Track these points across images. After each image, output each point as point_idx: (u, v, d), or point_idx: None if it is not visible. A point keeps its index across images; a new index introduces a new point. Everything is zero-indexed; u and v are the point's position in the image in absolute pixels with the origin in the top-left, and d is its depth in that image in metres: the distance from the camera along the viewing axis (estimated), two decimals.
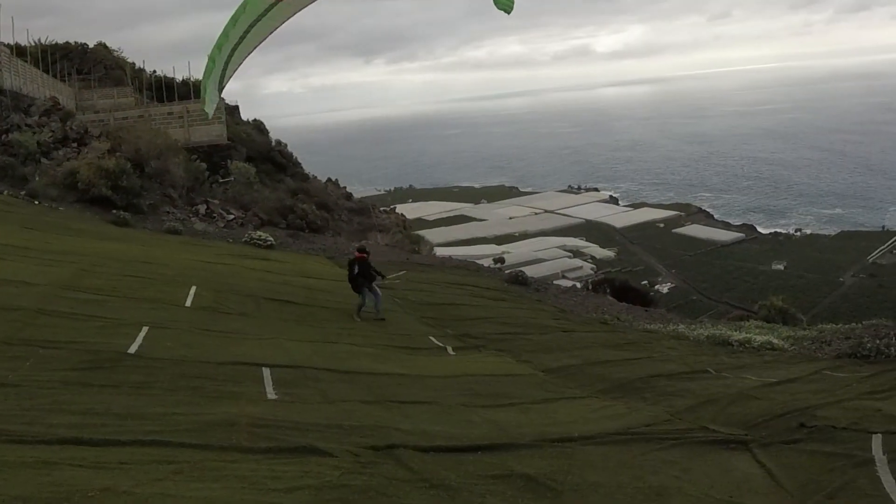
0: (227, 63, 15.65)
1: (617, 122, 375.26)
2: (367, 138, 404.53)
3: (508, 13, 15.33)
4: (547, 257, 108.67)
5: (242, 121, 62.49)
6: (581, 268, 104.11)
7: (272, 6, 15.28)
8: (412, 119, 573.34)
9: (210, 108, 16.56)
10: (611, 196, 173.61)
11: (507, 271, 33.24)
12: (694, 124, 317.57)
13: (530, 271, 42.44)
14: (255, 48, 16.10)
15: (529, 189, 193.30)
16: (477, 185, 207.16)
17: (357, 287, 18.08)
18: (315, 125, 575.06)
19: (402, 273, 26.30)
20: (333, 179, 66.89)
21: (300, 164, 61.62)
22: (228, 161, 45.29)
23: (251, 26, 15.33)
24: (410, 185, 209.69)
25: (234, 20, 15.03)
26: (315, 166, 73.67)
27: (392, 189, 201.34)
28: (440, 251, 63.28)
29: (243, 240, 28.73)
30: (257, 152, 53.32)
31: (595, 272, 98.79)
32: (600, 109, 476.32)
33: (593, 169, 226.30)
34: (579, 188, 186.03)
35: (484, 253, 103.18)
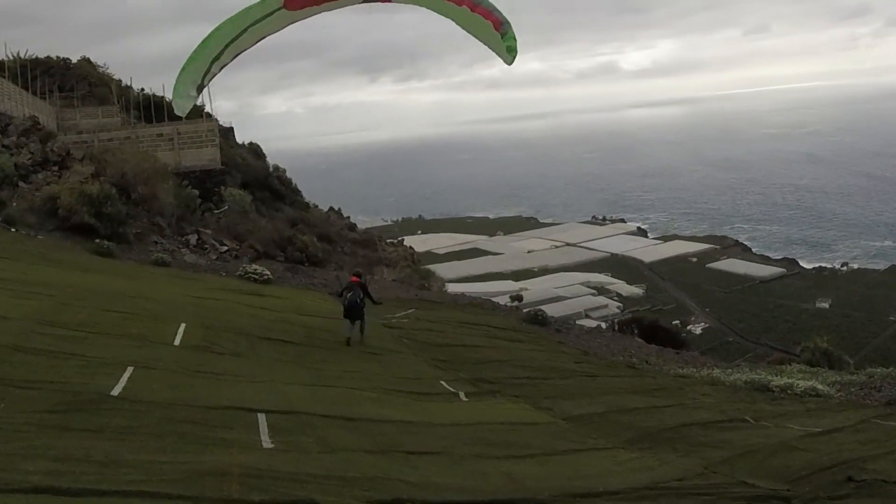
0: (212, 61, 15.98)
1: (644, 146, 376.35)
2: (373, 163, 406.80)
3: (511, 60, 16.12)
4: (569, 295, 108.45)
5: (237, 144, 63.08)
6: (606, 306, 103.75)
7: (273, 13, 15.85)
8: (421, 142, 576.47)
9: (180, 104, 16.66)
10: (639, 228, 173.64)
11: (524, 310, 33.19)
12: (728, 148, 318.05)
13: (550, 310, 42.35)
14: (243, 52, 16.54)
15: (549, 220, 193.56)
16: (492, 216, 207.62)
17: (352, 314, 18.80)
18: (316, 149, 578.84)
19: (410, 311, 26.31)
20: (336, 208, 67.29)
21: (300, 191, 62.04)
22: (222, 187, 45.58)
23: (245, 30, 15.92)
24: (419, 216, 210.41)
25: (227, 22, 15.66)
26: (316, 194, 74.15)
27: (399, 219, 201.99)
28: (452, 287, 63.24)
29: (237, 273, 28.84)
30: (253, 178, 53.72)
31: (622, 311, 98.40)
32: (627, 132, 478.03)
33: (619, 198, 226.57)
34: (604, 219, 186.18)
35: (500, 290, 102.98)
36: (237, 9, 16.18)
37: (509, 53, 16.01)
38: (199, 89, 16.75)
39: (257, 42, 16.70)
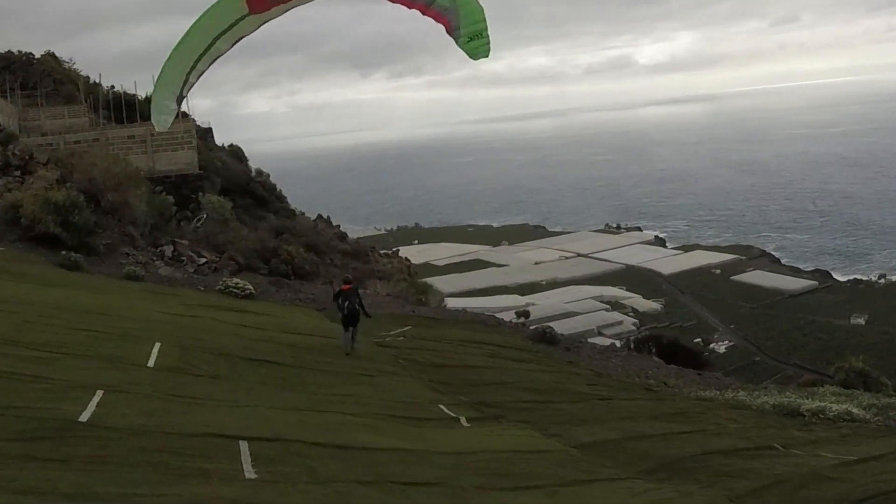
0: (188, 72, 16.50)
1: (661, 147, 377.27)
2: (365, 167, 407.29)
3: (476, 58, 16.47)
4: (580, 310, 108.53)
5: (216, 146, 63.19)
6: (621, 323, 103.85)
7: (240, 20, 16.41)
8: (418, 144, 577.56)
9: (160, 120, 17.24)
10: (656, 237, 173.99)
11: (531, 327, 33.19)
12: (753, 150, 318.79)
13: (560, 327, 42.32)
14: (219, 57, 17.11)
15: (558, 228, 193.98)
16: (495, 224, 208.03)
17: (351, 321, 20.09)
18: (303, 151, 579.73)
19: (406, 329, 26.31)
20: (324, 216, 67.45)
21: (285, 197, 62.13)
22: (200, 194, 45.63)
23: (215, 40, 16.51)
24: (416, 224, 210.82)
25: (195, 31, 16.17)
26: (302, 200, 74.29)
27: (394, 228, 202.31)
28: (452, 303, 63.32)
29: (217, 288, 28.84)
30: (234, 184, 53.82)
31: (638, 328, 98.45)
32: (642, 133, 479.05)
33: (634, 204, 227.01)
34: (618, 227, 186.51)
35: (504, 305, 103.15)
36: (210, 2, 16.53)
37: (472, 57, 16.43)
38: (180, 100, 17.31)
39: (233, 45, 17.19)
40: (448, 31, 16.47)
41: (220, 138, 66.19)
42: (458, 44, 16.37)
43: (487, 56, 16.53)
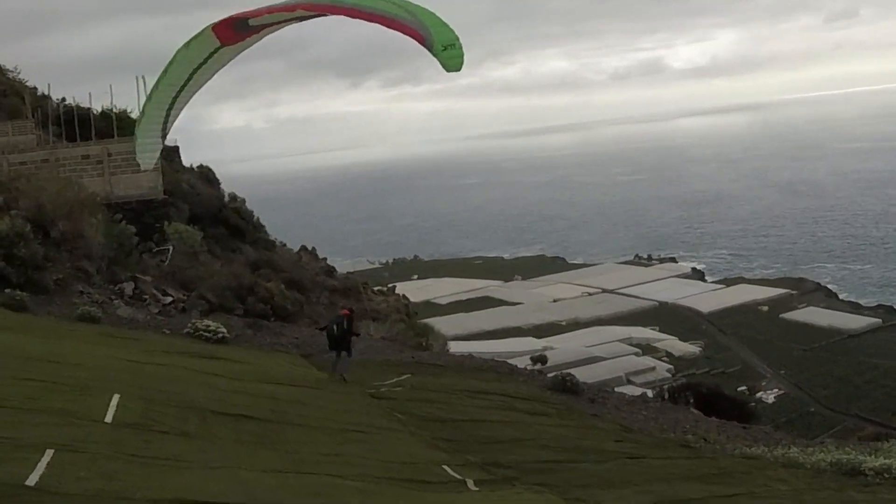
0: (169, 107, 18.66)
1: (699, 165, 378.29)
2: (356, 191, 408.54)
3: (450, 70, 17.20)
4: (606, 355, 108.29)
5: (184, 167, 63.39)
6: (653, 369, 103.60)
7: (214, 52, 18.69)
8: (417, 164, 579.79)
9: (145, 159, 19.39)
10: (694, 269, 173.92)
11: (550, 374, 33.16)
12: (806, 167, 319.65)
13: (582, 374, 42.26)
14: (197, 91, 19.50)
15: (579, 260, 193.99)
16: (506, 256, 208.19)
17: (337, 346, 22.79)
18: (284, 173, 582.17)
19: (404, 378, 26.32)
20: (309, 248, 67.50)
21: (263, 226, 62.24)
22: (165, 223, 45.78)
23: (192, 74, 18.80)
24: (415, 256, 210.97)
25: (174, 66, 18.55)
26: (284, 230, 74.49)
27: (390, 261, 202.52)
28: (457, 347, 63.25)
29: (185, 331, 28.89)
30: (204, 211, 53.95)
31: (673, 375, 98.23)
32: (676, 148, 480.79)
33: (668, 232, 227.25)
34: (650, 258, 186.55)
35: (518, 349, 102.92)
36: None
37: (447, 68, 17.12)
38: (164, 136, 19.66)
39: (213, 75, 19.71)
40: (421, 43, 17.20)
41: (188, 158, 66.31)
42: (432, 53, 17.03)
43: (459, 69, 17.17)
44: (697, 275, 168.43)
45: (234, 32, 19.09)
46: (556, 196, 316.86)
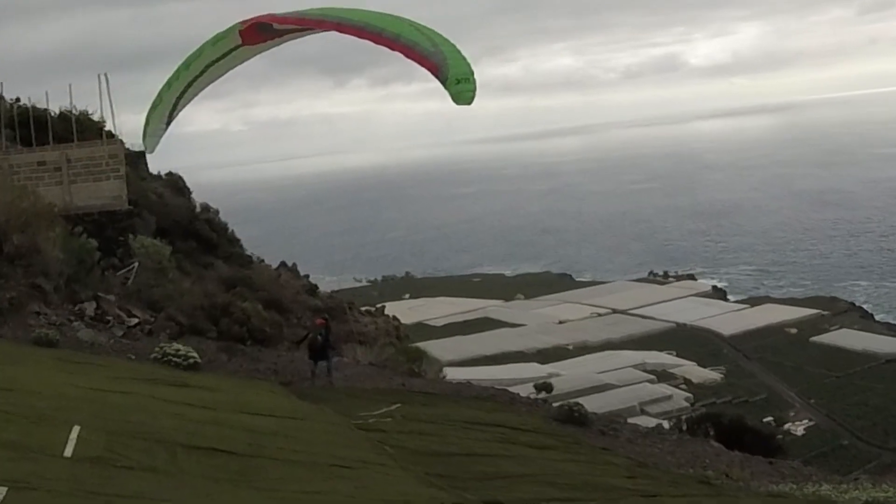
0: (178, 98, 21.53)
1: (720, 172, 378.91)
2: (341, 200, 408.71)
3: (460, 103, 19.11)
4: (617, 382, 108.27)
5: (151, 175, 63.40)
6: (670, 398, 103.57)
7: (233, 50, 21.71)
8: (408, 171, 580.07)
9: (151, 143, 22.39)
10: (715, 287, 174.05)
11: (555, 404, 33.18)
12: (837, 175, 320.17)
13: (591, 403, 42.29)
14: (206, 87, 22.79)
15: (588, 278, 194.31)
16: (508, 273, 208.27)
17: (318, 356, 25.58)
18: (262, 180, 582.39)
19: (394, 408, 26.32)
20: (289, 264, 67.58)
21: (239, 240, 62.31)
22: (130, 236, 45.77)
23: (207, 67, 21.94)
24: (406, 273, 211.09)
25: (191, 58, 21.53)
26: (262, 243, 74.59)
27: (379, 279, 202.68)
28: (453, 373, 63.15)
29: (152, 356, 28.86)
30: (174, 222, 53.99)
31: (692, 404, 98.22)
32: (694, 153, 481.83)
33: (686, 246, 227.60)
34: (665, 276, 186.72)
35: (520, 376, 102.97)
36: None
37: (456, 101, 18.95)
38: (168, 124, 23.10)
39: (225, 73, 23.13)
40: (434, 73, 19.07)
41: (156, 164, 66.23)
42: (445, 85, 18.88)
43: (470, 104, 18.90)
44: (718, 293, 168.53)
45: (258, 33, 21.70)
46: (561, 206, 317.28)
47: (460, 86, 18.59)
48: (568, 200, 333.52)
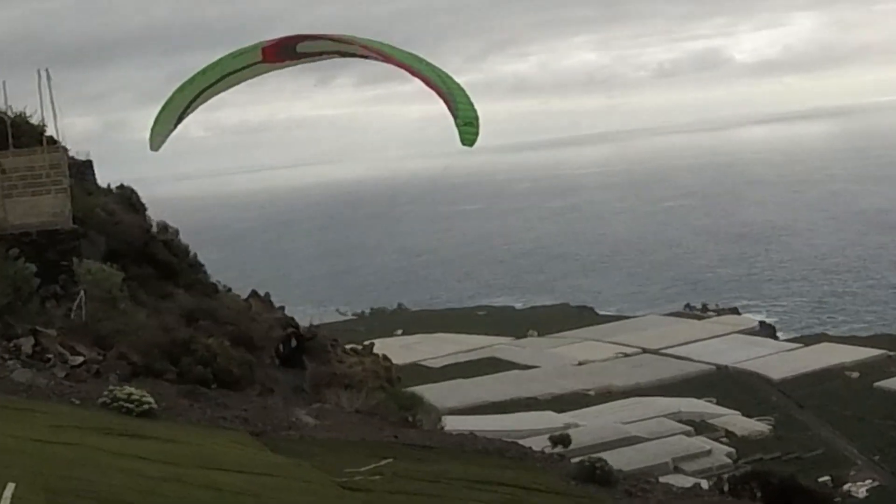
0: (189, 103, 24.79)
1: (767, 187, 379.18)
2: (323, 219, 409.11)
3: (469, 145, 22.43)
4: (647, 435, 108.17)
5: (99, 188, 63.46)
6: (709, 453, 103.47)
7: (251, 65, 24.85)
8: (402, 184, 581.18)
9: (157, 142, 25.31)
10: (762, 323, 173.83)
11: (574, 459, 33.22)
12: None
13: (616, 459, 42.33)
14: (214, 96, 26.08)
15: (612, 312, 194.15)
16: (518, 306, 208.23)
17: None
18: (230, 195, 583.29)
19: (384, 463, 26.34)
20: (262, 294, 67.53)
21: (202, 265, 62.26)
22: (75, 260, 45.83)
23: (221, 78, 24.95)
24: (399, 305, 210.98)
25: (209, 67, 24.77)
26: (229, 269, 74.67)
27: (367, 312, 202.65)
28: (454, 423, 63.19)
29: (101, 401, 28.86)
30: (126, 244, 53.96)
31: (735, 461, 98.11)
32: (737, 165, 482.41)
33: (727, 274, 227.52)
34: (704, 309, 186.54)
35: (533, 426, 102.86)
36: None
37: (462, 143, 22.35)
38: (177, 124, 26.18)
39: (233, 87, 26.15)
40: (448, 109, 22.53)
41: (106, 176, 66.23)
42: (455, 122, 22.37)
43: (472, 147, 22.42)
44: (766, 330, 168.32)
45: (279, 53, 24.75)
46: (581, 227, 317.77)
47: (466, 127, 21.83)
48: (589, 220, 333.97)
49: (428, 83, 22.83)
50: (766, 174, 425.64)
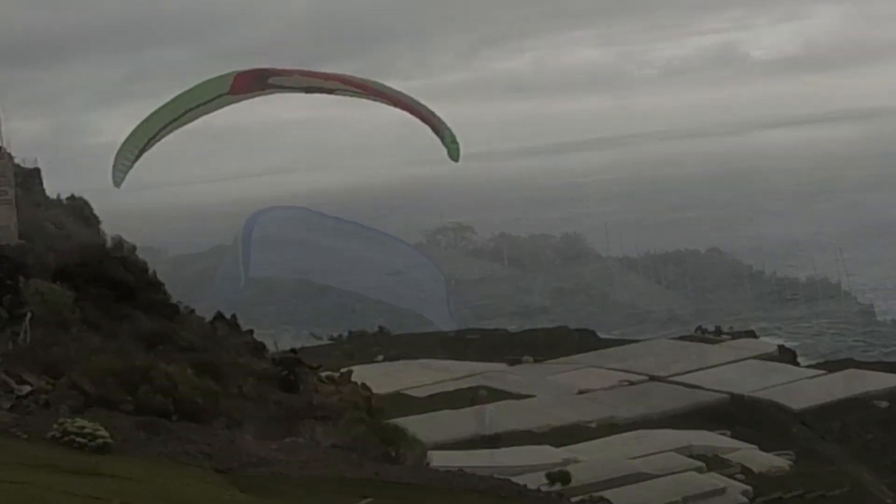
0: (151, 138, 26.75)
1: (787, 198, 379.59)
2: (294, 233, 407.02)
3: (455, 160, 26.88)
4: (655, 470, 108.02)
5: (48, 199, 63.46)
6: (723, 491, 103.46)
7: (217, 98, 26.95)
8: (383, 194, 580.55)
9: (119, 178, 27.23)
10: (781, 347, 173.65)
11: (574, 498, 33.36)
12: None
13: (620, 498, 42.54)
14: (175, 130, 27.94)
15: (616, 334, 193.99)
16: (512, 328, 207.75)
17: None
18: (193, 206, 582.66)
19: (364, 502, 26.41)
20: (227, 316, 67.54)
21: (162, 284, 62.29)
22: (21, 279, 45.84)
23: (186, 112, 26.84)
24: (380, 329, 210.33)
25: (175, 101, 26.82)
26: (192, 289, 74.40)
27: (344, 335, 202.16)
28: (441, 459, 63.19)
29: (50, 435, 28.89)
30: (78, 261, 54.02)
31: (751, 500, 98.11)
32: (751, 173, 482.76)
33: (742, 295, 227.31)
34: (718, 332, 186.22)
35: (528, 462, 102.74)
36: None
37: (451, 158, 26.68)
38: (134, 161, 27.71)
39: (194, 120, 27.79)
40: (433, 130, 26.32)
41: (55, 185, 66.36)
42: (443, 143, 26.18)
43: (457, 161, 26.59)
44: (786, 355, 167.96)
45: (249, 84, 27.10)
46: (579, 241, 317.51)
47: (454, 145, 25.91)
48: (588, 233, 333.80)
49: (410, 110, 25.78)
50: (786, 183, 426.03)
